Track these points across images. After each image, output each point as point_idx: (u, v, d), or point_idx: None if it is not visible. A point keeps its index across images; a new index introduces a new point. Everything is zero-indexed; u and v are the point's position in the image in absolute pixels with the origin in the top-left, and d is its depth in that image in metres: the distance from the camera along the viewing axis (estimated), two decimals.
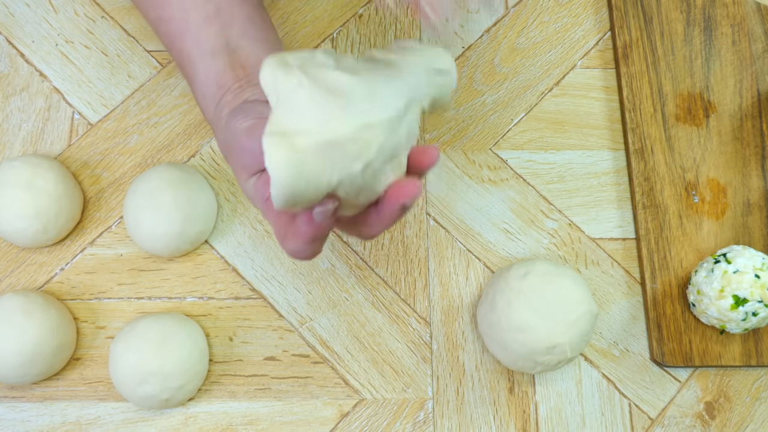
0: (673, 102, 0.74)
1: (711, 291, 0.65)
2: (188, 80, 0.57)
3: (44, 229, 0.66)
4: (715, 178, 0.72)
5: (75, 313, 0.68)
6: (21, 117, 0.73)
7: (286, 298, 0.69)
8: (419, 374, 0.68)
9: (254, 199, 0.51)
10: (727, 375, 0.69)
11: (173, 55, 0.58)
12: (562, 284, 0.63)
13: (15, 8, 0.76)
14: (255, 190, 0.50)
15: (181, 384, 0.63)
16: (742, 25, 0.77)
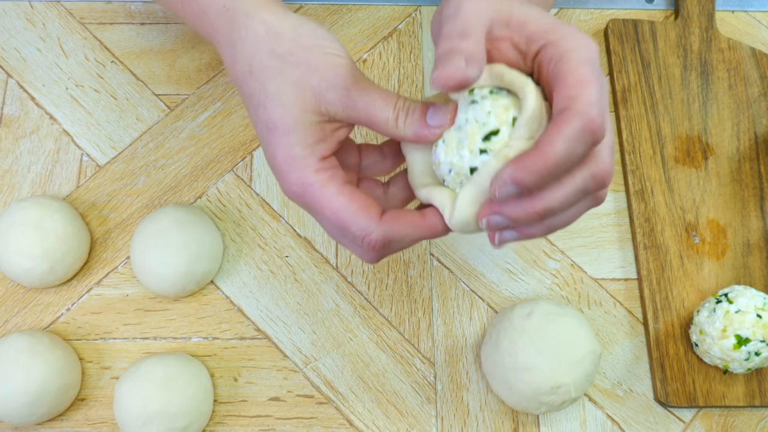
0: (671, 144, 0.76)
1: (713, 331, 0.65)
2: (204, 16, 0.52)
3: (51, 269, 0.67)
4: (715, 219, 0.73)
5: (80, 353, 0.68)
6: (30, 159, 0.74)
7: (291, 339, 0.69)
8: (423, 415, 0.68)
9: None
10: (731, 415, 0.69)
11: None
12: (565, 324, 0.64)
13: (27, 53, 0.78)
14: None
15: (186, 425, 0.63)
16: (738, 70, 0.79)
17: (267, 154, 0.48)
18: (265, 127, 0.47)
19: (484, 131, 0.44)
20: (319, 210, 0.47)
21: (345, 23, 0.80)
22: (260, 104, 0.47)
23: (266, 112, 0.47)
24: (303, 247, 0.72)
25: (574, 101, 0.41)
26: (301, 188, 0.47)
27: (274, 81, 0.47)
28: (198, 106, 0.76)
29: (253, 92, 0.48)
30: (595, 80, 0.42)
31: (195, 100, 0.77)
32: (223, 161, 0.75)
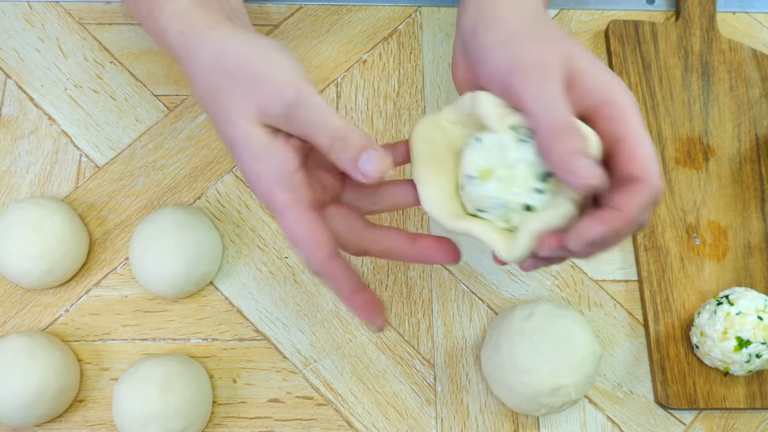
0: (672, 146, 0.76)
1: (714, 333, 0.65)
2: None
3: (50, 270, 0.67)
4: (716, 220, 0.73)
5: (79, 354, 0.68)
6: (29, 160, 0.74)
7: (290, 340, 0.69)
8: (423, 416, 0.68)
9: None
10: (732, 417, 0.69)
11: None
12: (565, 326, 0.64)
13: (25, 54, 0.77)
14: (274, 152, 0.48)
15: (185, 426, 0.63)
16: (739, 71, 0.79)
17: (241, 167, 0.50)
18: (229, 144, 0.49)
19: (538, 171, 0.47)
20: (277, 214, 0.48)
21: (345, 24, 0.80)
22: (220, 121, 0.49)
23: (225, 128, 0.49)
24: None
25: (648, 173, 0.45)
26: (267, 203, 0.49)
27: (226, 98, 0.48)
28: (197, 107, 0.76)
29: (214, 111, 0.49)
30: (653, 148, 0.46)
31: (194, 101, 0.77)
32: (222, 162, 0.74)
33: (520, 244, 0.47)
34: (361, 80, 0.79)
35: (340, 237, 0.51)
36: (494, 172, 0.47)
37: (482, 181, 0.48)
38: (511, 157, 0.47)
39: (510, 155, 0.47)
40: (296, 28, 0.80)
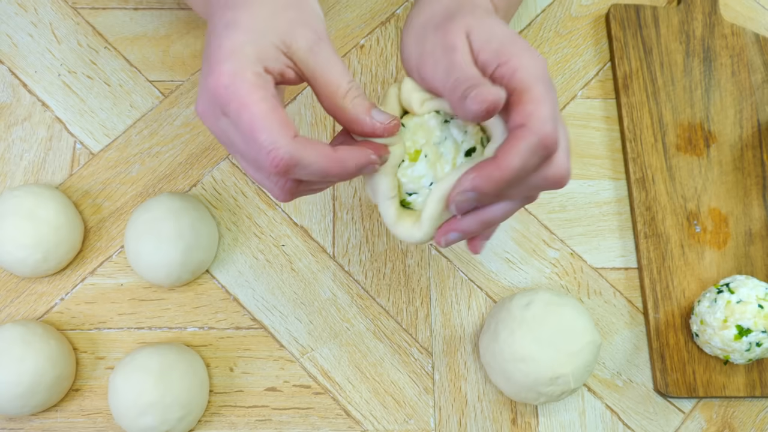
0: (673, 132, 0.75)
1: (714, 321, 0.64)
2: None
3: (45, 258, 0.66)
4: (717, 207, 0.73)
5: (75, 343, 0.68)
6: (23, 147, 0.73)
7: (287, 328, 0.69)
8: (421, 405, 0.67)
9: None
10: (731, 406, 0.68)
11: None
12: (565, 314, 0.63)
13: (18, 39, 0.76)
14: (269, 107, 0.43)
15: (182, 415, 0.62)
16: (741, 56, 0.78)
17: (210, 45, 0.45)
18: (221, 23, 0.45)
19: (464, 148, 0.48)
20: (235, 109, 0.43)
21: (342, 8, 0.79)
22: (230, 6, 0.46)
23: (233, 12, 0.45)
24: (299, 236, 0.71)
25: (530, 118, 0.44)
26: (230, 80, 0.43)
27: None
28: (193, 93, 0.75)
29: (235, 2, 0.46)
30: (547, 97, 0.44)
31: (190, 87, 0.76)
32: (218, 149, 0.74)
33: (426, 207, 0.48)
34: (359, 66, 0.78)
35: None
36: (421, 152, 0.49)
37: (412, 163, 0.49)
38: (437, 136, 0.48)
39: (435, 135, 0.48)
40: None
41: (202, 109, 0.46)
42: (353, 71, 0.77)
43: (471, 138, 0.48)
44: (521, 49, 0.46)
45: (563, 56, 0.79)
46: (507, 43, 0.46)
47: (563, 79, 0.78)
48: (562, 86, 0.78)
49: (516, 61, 0.45)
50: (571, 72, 0.79)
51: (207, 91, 0.44)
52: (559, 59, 0.79)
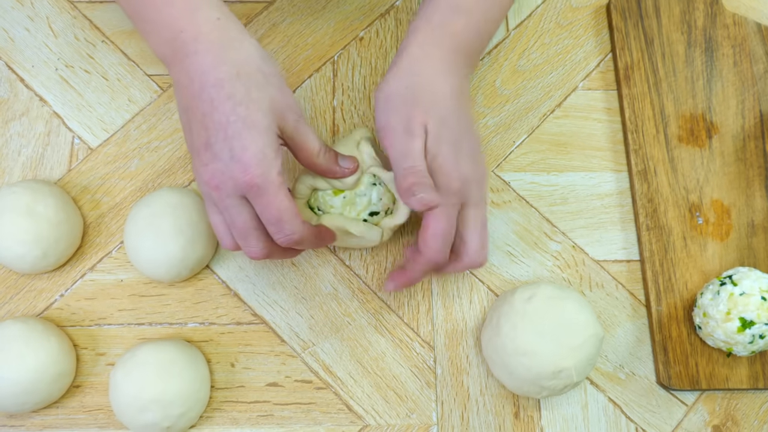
0: (675, 123, 0.74)
1: (717, 313, 0.64)
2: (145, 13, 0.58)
3: (44, 254, 0.66)
4: (719, 199, 0.72)
5: (75, 339, 0.67)
6: (21, 142, 0.73)
7: (288, 323, 0.68)
8: (423, 399, 0.67)
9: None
10: (734, 398, 0.68)
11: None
12: (567, 307, 0.63)
13: (15, 33, 0.76)
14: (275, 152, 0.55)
15: (183, 411, 0.62)
16: (743, 46, 0.77)
17: (234, 145, 0.54)
18: (242, 122, 0.53)
19: (370, 209, 0.65)
20: (266, 203, 0.55)
21: (342, 0, 0.79)
22: (242, 103, 0.54)
23: (248, 111, 0.54)
24: None
25: (421, 243, 0.60)
26: (262, 181, 0.54)
27: (258, 90, 0.55)
28: None
29: (235, 92, 0.54)
30: (441, 217, 0.59)
31: None
32: None
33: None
34: (358, 58, 0.77)
35: None
36: (343, 193, 0.64)
37: (333, 196, 0.64)
38: (360, 190, 0.64)
39: (360, 188, 0.64)
40: (291, 4, 0.78)
41: (217, 185, 0.55)
42: (352, 64, 0.77)
43: (381, 205, 0.65)
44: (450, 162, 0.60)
45: (564, 47, 0.79)
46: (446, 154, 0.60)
47: (564, 71, 0.78)
48: (563, 77, 0.78)
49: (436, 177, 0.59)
50: (572, 63, 0.78)
51: (231, 178, 0.54)
52: (560, 50, 0.79)
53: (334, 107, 0.75)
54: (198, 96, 0.54)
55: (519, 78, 0.77)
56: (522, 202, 0.73)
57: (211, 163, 0.54)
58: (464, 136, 0.61)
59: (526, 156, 0.75)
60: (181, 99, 0.56)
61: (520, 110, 0.76)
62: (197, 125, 0.55)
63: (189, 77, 0.55)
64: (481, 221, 0.62)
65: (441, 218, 0.59)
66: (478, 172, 0.61)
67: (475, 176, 0.61)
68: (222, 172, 0.54)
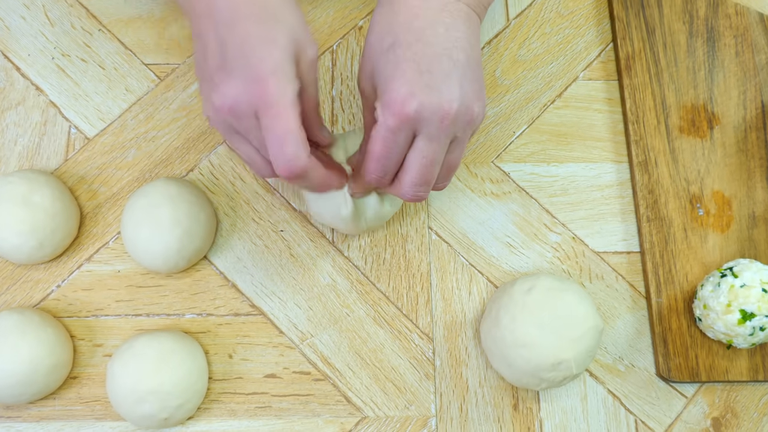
0: (676, 114, 0.74)
1: (718, 305, 0.64)
2: None
3: (40, 245, 0.65)
4: (720, 190, 0.72)
5: (72, 330, 0.67)
6: (17, 131, 0.72)
7: (287, 315, 0.68)
8: (422, 391, 0.67)
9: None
10: (734, 390, 0.68)
11: None
12: (567, 299, 0.62)
13: (10, 21, 0.75)
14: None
15: (181, 403, 0.62)
16: (745, 36, 0.76)
17: (252, 59, 0.50)
18: (261, 39, 0.50)
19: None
20: (273, 116, 0.50)
21: None
22: (264, 22, 0.50)
23: (267, 30, 0.50)
24: (298, 221, 0.71)
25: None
26: (276, 93, 0.50)
27: (281, 15, 0.51)
28: (189, 76, 0.74)
29: (258, 12, 0.51)
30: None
31: (185, 70, 0.74)
32: (215, 133, 0.73)
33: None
34: (357, 47, 0.76)
35: None
36: None
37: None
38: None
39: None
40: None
41: (232, 102, 0.51)
42: (352, 53, 0.76)
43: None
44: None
45: (564, 37, 0.78)
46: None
47: (565, 61, 0.77)
48: (564, 67, 0.77)
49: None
50: (573, 53, 0.78)
51: (246, 92, 0.50)
52: (561, 40, 0.78)
53: (333, 97, 0.74)
54: (217, 20, 0.51)
55: (519, 68, 0.77)
56: (522, 193, 0.73)
57: (225, 82, 0.51)
58: (444, 62, 0.53)
59: (526, 147, 0.74)
60: (198, 28, 0.53)
61: (520, 100, 0.76)
62: (212, 46, 0.51)
63: (208, 4, 0.52)
64: (426, 156, 0.55)
65: (378, 142, 0.54)
66: (443, 103, 0.53)
67: (436, 107, 0.53)
68: (236, 87, 0.50)
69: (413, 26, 0.53)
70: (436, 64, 0.53)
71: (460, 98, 0.53)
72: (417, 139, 0.54)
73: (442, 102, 0.52)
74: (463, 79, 0.53)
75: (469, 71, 0.54)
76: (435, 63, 0.53)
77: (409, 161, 0.56)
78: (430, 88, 0.52)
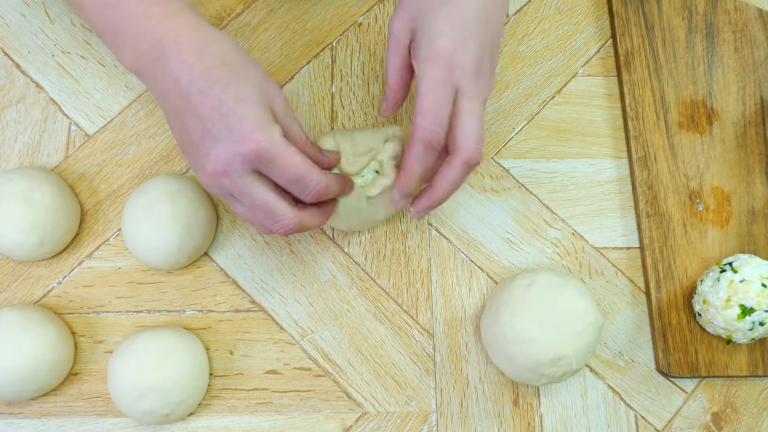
0: (676, 109, 0.74)
1: (717, 300, 0.64)
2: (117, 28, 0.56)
3: (41, 242, 0.65)
4: (719, 186, 0.72)
5: (73, 327, 0.67)
6: (17, 129, 0.72)
7: (287, 311, 0.68)
8: (422, 387, 0.67)
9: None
10: (733, 385, 0.68)
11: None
12: (567, 295, 0.63)
13: (10, 18, 0.75)
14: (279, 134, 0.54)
15: (181, 399, 0.62)
16: (744, 32, 0.77)
17: (231, 120, 0.53)
18: (234, 99, 0.53)
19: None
20: (281, 164, 0.54)
21: None
22: (231, 83, 0.53)
23: (237, 89, 0.53)
24: None
25: (415, 125, 0.57)
26: (269, 144, 0.53)
27: (245, 73, 0.54)
28: None
29: (223, 76, 0.53)
30: (434, 96, 0.57)
31: None
32: None
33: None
34: (357, 44, 0.76)
35: None
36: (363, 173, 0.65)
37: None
38: (362, 174, 0.65)
39: (364, 173, 0.65)
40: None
41: (225, 169, 0.53)
42: (351, 50, 0.76)
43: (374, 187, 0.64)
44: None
45: (564, 33, 0.78)
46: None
47: (564, 57, 0.77)
48: (563, 64, 0.77)
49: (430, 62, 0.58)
50: (572, 49, 0.78)
51: (236, 152, 0.53)
52: (560, 36, 0.78)
53: (333, 93, 0.75)
54: (187, 91, 0.53)
55: (519, 64, 0.77)
56: (521, 189, 0.73)
57: (213, 149, 0.53)
58: (479, 27, 0.58)
59: (526, 143, 0.74)
60: (170, 105, 0.55)
61: (519, 96, 0.76)
62: (191, 120, 0.54)
63: (175, 78, 0.53)
64: (477, 114, 0.58)
65: (428, 95, 0.56)
66: (481, 65, 0.58)
67: (475, 68, 0.57)
68: (225, 151, 0.53)
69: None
70: (476, 29, 0.57)
71: (495, 63, 0.60)
72: (462, 98, 0.57)
73: (482, 63, 0.58)
74: (496, 49, 0.60)
75: (498, 41, 0.61)
76: (475, 28, 0.57)
77: (463, 119, 0.57)
78: (470, 48, 0.57)
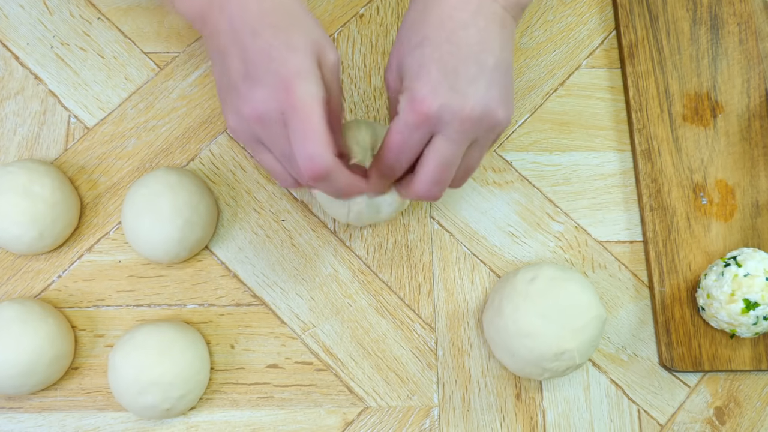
0: (680, 102, 0.73)
1: (721, 295, 0.64)
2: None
3: (41, 235, 0.65)
4: (723, 179, 0.71)
5: (73, 321, 0.67)
6: (16, 121, 0.71)
7: (288, 305, 0.68)
8: (424, 381, 0.67)
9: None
10: (737, 380, 0.68)
11: None
12: (570, 289, 0.62)
13: (9, 10, 0.74)
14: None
15: (182, 393, 0.62)
16: (749, 24, 0.76)
17: (277, 65, 0.50)
18: (285, 46, 0.51)
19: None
20: (301, 117, 0.50)
21: None
22: (285, 30, 0.51)
23: (289, 36, 0.51)
24: (300, 211, 0.70)
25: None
26: (304, 94, 0.50)
27: (300, 21, 0.52)
28: (189, 65, 0.74)
29: (278, 21, 0.51)
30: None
31: (186, 59, 0.74)
32: (215, 122, 0.72)
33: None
34: (359, 36, 0.76)
35: None
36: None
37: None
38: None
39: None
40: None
41: (262, 108, 0.51)
42: (353, 41, 0.75)
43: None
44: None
45: (567, 24, 0.78)
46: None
47: (567, 49, 0.77)
48: (566, 56, 0.76)
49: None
50: (576, 41, 0.77)
51: (274, 97, 0.50)
52: (563, 28, 0.77)
53: None
54: (239, 32, 0.52)
55: (521, 56, 0.76)
56: (524, 182, 0.72)
57: (251, 91, 0.51)
58: (471, 66, 0.53)
59: (529, 135, 0.74)
60: (218, 44, 0.53)
61: (522, 89, 0.75)
62: (235, 61, 0.52)
63: (229, 19, 0.52)
64: (440, 156, 0.54)
65: (395, 135, 0.54)
66: (465, 107, 0.52)
67: (457, 110, 0.52)
68: (264, 96, 0.51)
69: (445, 26, 0.53)
70: (462, 67, 0.52)
71: (483, 103, 0.52)
72: (435, 138, 0.53)
73: (465, 105, 0.52)
74: (490, 84, 0.53)
75: (497, 75, 0.53)
76: (461, 65, 0.52)
77: (426, 159, 0.54)
78: (453, 90, 0.52)
